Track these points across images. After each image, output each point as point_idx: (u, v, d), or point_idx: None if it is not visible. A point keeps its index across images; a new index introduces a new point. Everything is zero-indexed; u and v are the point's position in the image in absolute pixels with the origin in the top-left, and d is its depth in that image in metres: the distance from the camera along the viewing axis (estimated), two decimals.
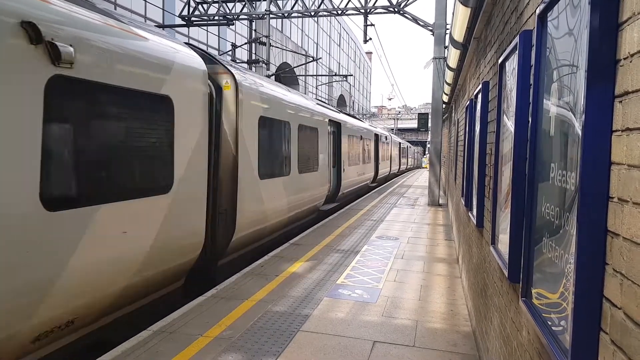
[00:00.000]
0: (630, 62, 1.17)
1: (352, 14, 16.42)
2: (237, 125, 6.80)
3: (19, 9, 3.36)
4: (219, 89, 6.65)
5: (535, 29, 2.03)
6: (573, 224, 1.45)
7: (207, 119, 5.87)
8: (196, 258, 5.80)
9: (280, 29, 35.03)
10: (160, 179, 4.93)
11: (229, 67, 6.91)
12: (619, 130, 1.23)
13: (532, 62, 2.19)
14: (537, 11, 1.98)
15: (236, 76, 6.81)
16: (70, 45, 3.73)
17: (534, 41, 2.12)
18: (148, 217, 4.71)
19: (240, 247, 7.30)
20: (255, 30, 20.59)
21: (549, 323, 1.71)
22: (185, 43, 6.03)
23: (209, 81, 6.15)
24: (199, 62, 5.76)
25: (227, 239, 6.76)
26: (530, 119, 2.14)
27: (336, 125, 14.14)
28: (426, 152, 64.40)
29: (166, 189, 5.00)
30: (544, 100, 1.95)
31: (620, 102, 1.23)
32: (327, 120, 12.52)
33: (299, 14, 17.52)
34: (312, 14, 17.19)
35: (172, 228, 5.09)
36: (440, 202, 15.59)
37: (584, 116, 1.32)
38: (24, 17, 3.38)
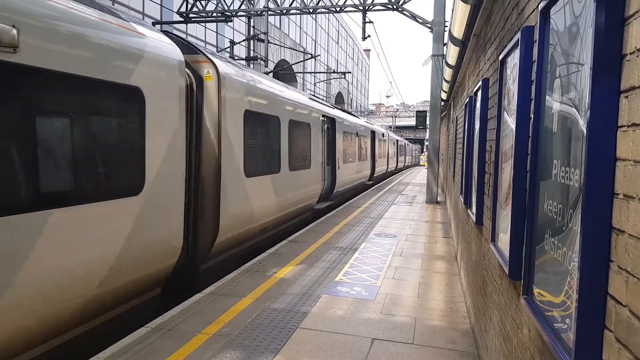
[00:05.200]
0: (637, 56, 1.15)
1: (351, 11, 16.38)
2: (220, 121, 6.27)
3: None
4: (199, 80, 6.14)
5: (538, 24, 2.02)
6: (577, 221, 1.43)
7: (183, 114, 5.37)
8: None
9: (278, 26, 34.94)
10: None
11: (210, 55, 6.30)
12: (625, 126, 1.22)
13: (534, 58, 2.17)
14: (540, 6, 1.96)
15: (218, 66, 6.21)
16: None
17: (536, 37, 2.11)
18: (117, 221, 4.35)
19: (225, 250, 6.84)
20: (253, 27, 20.54)
21: (551, 321, 1.70)
22: (163, 31, 5.64)
23: (187, 71, 5.77)
24: (175, 52, 5.19)
25: (209, 241, 6.29)
26: (532, 116, 2.12)
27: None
28: (424, 150, 64.41)
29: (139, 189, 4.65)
30: (547, 96, 1.93)
31: (627, 97, 1.21)
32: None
33: (297, 11, 17.47)
34: (311, 10, 17.14)
35: (146, 231, 4.74)
36: (439, 199, 15.60)
37: (588, 112, 1.30)
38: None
